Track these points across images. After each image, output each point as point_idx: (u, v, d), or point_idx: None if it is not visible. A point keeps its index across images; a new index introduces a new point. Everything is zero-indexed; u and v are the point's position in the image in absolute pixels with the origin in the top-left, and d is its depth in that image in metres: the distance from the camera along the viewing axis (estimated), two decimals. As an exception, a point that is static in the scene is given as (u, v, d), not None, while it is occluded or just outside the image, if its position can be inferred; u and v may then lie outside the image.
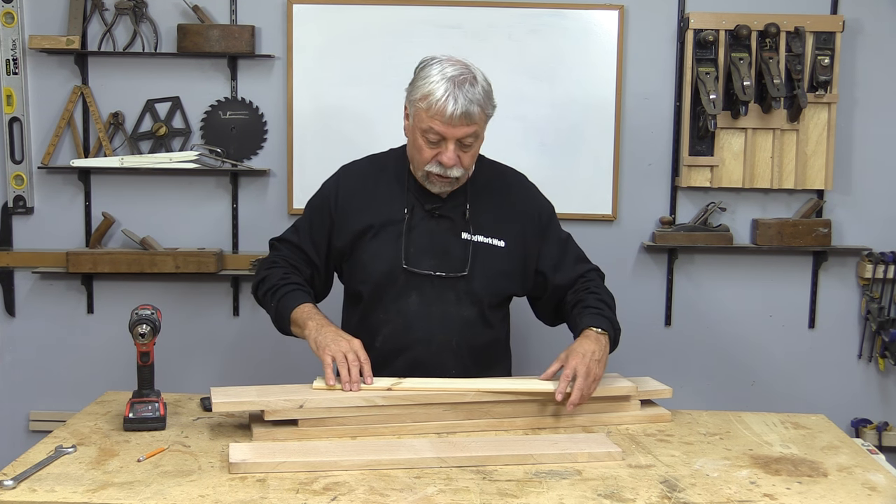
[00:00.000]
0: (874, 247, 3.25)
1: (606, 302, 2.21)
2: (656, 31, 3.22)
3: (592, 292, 2.22)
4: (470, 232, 2.19)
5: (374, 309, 2.22)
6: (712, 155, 3.19)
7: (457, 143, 2.07)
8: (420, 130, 2.08)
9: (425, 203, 2.20)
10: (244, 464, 1.73)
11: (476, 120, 2.05)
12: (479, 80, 2.07)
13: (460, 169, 2.10)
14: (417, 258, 2.17)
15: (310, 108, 3.22)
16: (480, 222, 2.21)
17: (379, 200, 2.22)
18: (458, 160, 2.08)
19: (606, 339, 2.10)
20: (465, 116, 2.02)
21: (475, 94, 2.04)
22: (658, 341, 3.31)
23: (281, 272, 2.24)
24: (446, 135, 2.05)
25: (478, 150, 2.16)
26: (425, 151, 2.09)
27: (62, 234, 3.29)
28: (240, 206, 3.28)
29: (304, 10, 3.18)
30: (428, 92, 2.03)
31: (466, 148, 2.09)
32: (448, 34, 3.15)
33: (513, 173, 2.35)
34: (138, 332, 1.98)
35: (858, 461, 1.87)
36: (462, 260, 2.17)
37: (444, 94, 2.01)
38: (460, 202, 2.21)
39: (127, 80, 3.23)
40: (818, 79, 3.13)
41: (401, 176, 2.22)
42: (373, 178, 2.25)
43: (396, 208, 2.20)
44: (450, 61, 2.08)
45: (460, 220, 2.20)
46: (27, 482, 1.66)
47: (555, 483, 1.70)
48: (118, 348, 3.16)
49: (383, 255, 2.18)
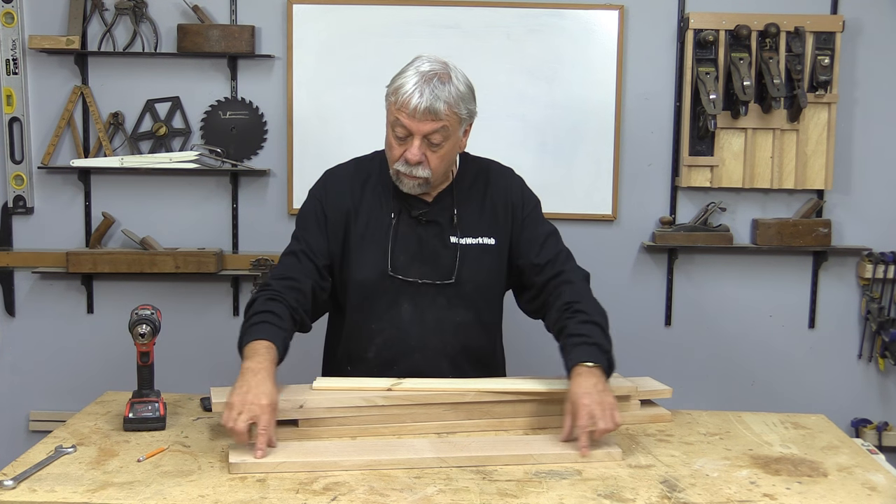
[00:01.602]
0: (874, 247, 3.25)
1: (593, 320, 2.04)
2: (656, 31, 3.22)
3: (577, 311, 2.05)
4: (458, 236, 2.15)
5: (364, 319, 2.16)
6: (712, 155, 3.19)
7: (424, 141, 2.02)
8: (389, 124, 2.06)
9: (412, 209, 2.15)
10: (244, 464, 1.73)
11: (442, 117, 2.00)
12: (455, 80, 2.03)
13: (426, 169, 2.04)
14: (405, 265, 2.12)
15: (310, 108, 3.22)
16: (469, 224, 2.16)
17: (365, 205, 2.16)
18: (423, 158, 2.03)
19: (600, 370, 1.95)
20: (429, 111, 1.98)
21: (444, 91, 2.00)
22: (658, 341, 3.31)
23: (264, 298, 2.07)
24: (411, 128, 2.01)
25: (449, 152, 2.07)
26: (395, 148, 2.05)
27: (62, 234, 3.30)
28: (240, 206, 3.28)
29: (304, 10, 3.18)
30: (399, 85, 2.02)
31: (435, 147, 2.03)
32: (447, 34, 3.15)
33: (497, 167, 2.28)
34: (138, 332, 1.98)
35: (858, 461, 1.87)
36: (450, 266, 2.14)
37: (412, 88, 1.98)
38: (447, 205, 2.16)
39: (127, 80, 3.23)
40: (818, 79, 3.13)
41: (386, 180, 2.16)
42: (359, 181, 2.20)
43: (383, 213, 2.15)
44: (429, 59, 2.05)
45: (448, 224, 2.16)
46: (27, 482, 1.66)
47: (555, 483, 1.70)
48: (118, 348, 3.16)
49: (370, 263, 2.13)
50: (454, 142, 2.07)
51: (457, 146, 2.11)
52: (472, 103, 2.08)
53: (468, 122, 2.10)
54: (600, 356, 1.97)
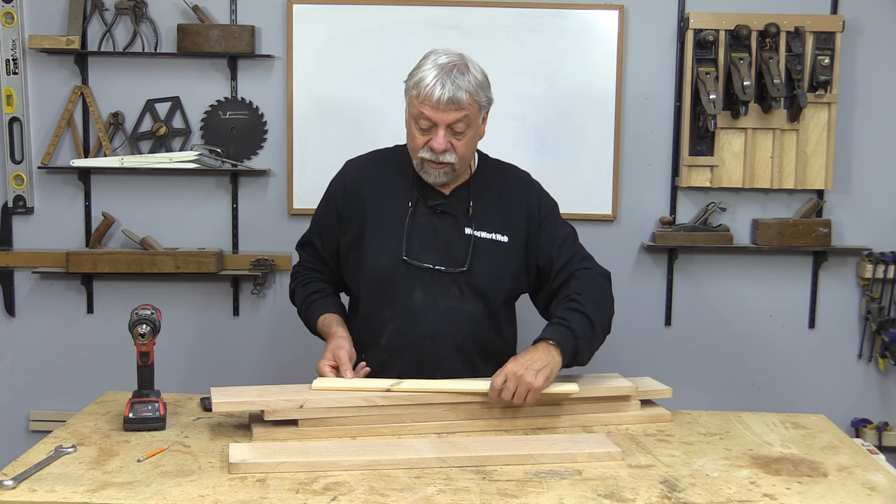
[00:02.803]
0: (874, 247, 3.25)
1: (583, 311, 2.10)
2: (656, 31, 3.22)
3: (571, 301, 2.13)
4: (473, 228, 2.20)
5: (377, 305, 2.23)
6: (712, 155, 3.19)
7: (448, 130, 2.10)
8: (412, 117, 2.14)
9: (428, 199, 2.21)
10: (244, 464, 1.73)
11: (464, 106, 2.08)
12: (472, 70, 2.12)
13: (453, 154, 2.12)
14: (419, 252, 2.19)
15: (310, 108, 3.22)
16: (484, 218, 2.22)
17: (383, 192, 2.24)
18: (449, 146, 2.11)
19: (557, 351, 2.01)
20: (452, 101, 2.07)
21: (464, 81, 2.08)
22: (658, 341, 3.31)
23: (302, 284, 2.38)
24: (435, 119, 2.09)
25: (472, 139, 2.16)
26: (418, 138, 2.14)
27: (62, 234, 3.29)
28: (240, 206, 3.28)
29: (304, 10, 3.18)
30: (419, 79, 2.10)
31: (458, 135, 2.12)
32: (447, 34, 3.15)
33: (515, 170, 2.36)
34: (138, 332, 1.98)
35: (858, 461, 1.87)
36: (463, 255, 2.18)
37: (433, 80, 2.07)
38: (463, 198, 2.23)
39: (127, 80, 3.23)
40: (818, 79, 3.13)
41: (405, 170, 2.25)
42: (378, 170, 2.29)
43: (401, 201, 2.22)
44: (445, 52, 2.14)
45: (463, 216, 2.22)
46: (27, 482, 1.66)
47: (555, 483, 1.70)
48: (118, 348, 3.16)
49: (385, 248, 2.19)
50: (475, 129, 2.16)
51: (477, 133, 2.19)
52: (489, 90, 2.18)
53: (487, 108, 2.19)
54: (566, 338, 2.04)
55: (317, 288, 2.35)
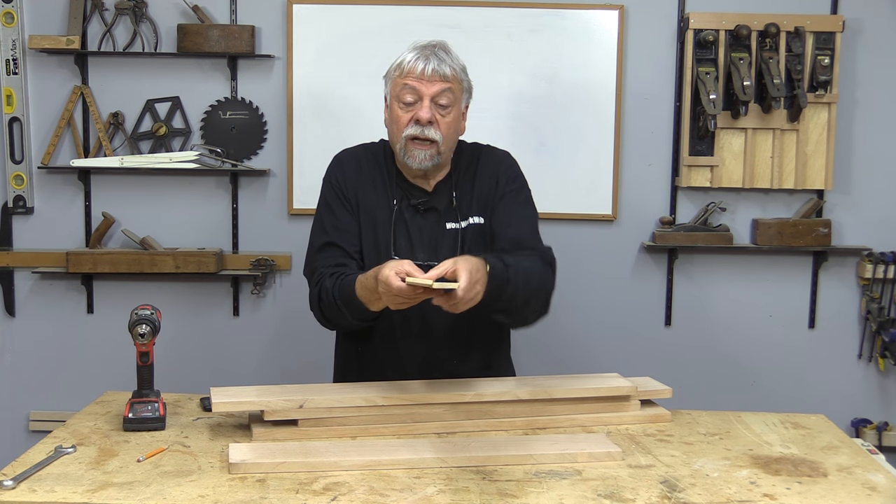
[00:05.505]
0: (874, 247, 3.25)
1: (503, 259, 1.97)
2: (656, 31, 3.22)
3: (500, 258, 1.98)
4: (458, 220, 2.18)
5: None
6: (712, 155, 3.19)
7: (433, 104, 2.08)
8: (396, 98, 2.11)
9: (412, 198, 2.19)
10: (244, 464, 1.73)
11: (449, 79, 2.09)
12: (454, 52, 2.15)
13: (438, 132, 2.08)
14: (406, 250, 2.16)
15: (310, 108, 3.22)
16: (465, 206, 2.20)
17: (371, 187, 2.21)
18: (434, 119, 2.08)
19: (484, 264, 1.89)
20: (436, 72, 2.07)
21: (448, 57, 2.11)
22: (658, 341, 3.31)
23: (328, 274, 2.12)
24: (420, 90, 2.07)
25: (456, 119, 2.13)
26: (402, 117, 2.10)
27: (62, 234, 3.30)
28: (240, 206, 3.28)
29: (304, 10, 3.18)
30: (401, 60, 2.11)
31: (443, 110, 2.09)
32: (447, 34, 3.10)
33: (489, 148, 2.30)
34: (138, 332, 1.98)
35: (858, 461, 1.87)
36: (451, 251, 2.16)
37: (416, 56, 2.09)
38: (446, 192, 2.20)
39: (127, 80, 3.23)
40: (818, 79, 3.13)
41: (391, 167, 2.22)
42: (366, 164, 2.25)
43: (387, 198, 2.19)
44: (424, 39, 2.16)
45: (447, 209, 2.19)
46: (27, 482, 1.66)
47: (555, 483, 1.70)
48: (118, 348, 3.16)
49: (373, 245, 2.17)
50: (458, 112, 2.14)
51: (459, 119, 2.16)
52: (469, 79, 2.18)
53: (468, 96, 2.18)
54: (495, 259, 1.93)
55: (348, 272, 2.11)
